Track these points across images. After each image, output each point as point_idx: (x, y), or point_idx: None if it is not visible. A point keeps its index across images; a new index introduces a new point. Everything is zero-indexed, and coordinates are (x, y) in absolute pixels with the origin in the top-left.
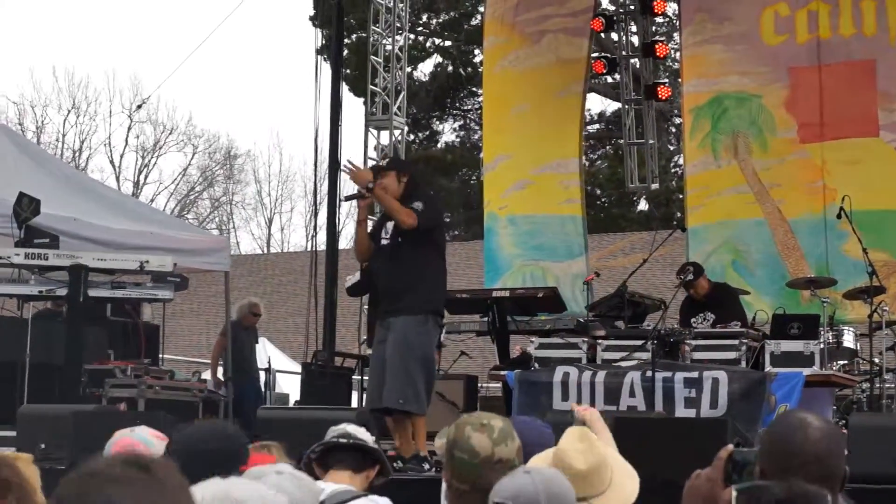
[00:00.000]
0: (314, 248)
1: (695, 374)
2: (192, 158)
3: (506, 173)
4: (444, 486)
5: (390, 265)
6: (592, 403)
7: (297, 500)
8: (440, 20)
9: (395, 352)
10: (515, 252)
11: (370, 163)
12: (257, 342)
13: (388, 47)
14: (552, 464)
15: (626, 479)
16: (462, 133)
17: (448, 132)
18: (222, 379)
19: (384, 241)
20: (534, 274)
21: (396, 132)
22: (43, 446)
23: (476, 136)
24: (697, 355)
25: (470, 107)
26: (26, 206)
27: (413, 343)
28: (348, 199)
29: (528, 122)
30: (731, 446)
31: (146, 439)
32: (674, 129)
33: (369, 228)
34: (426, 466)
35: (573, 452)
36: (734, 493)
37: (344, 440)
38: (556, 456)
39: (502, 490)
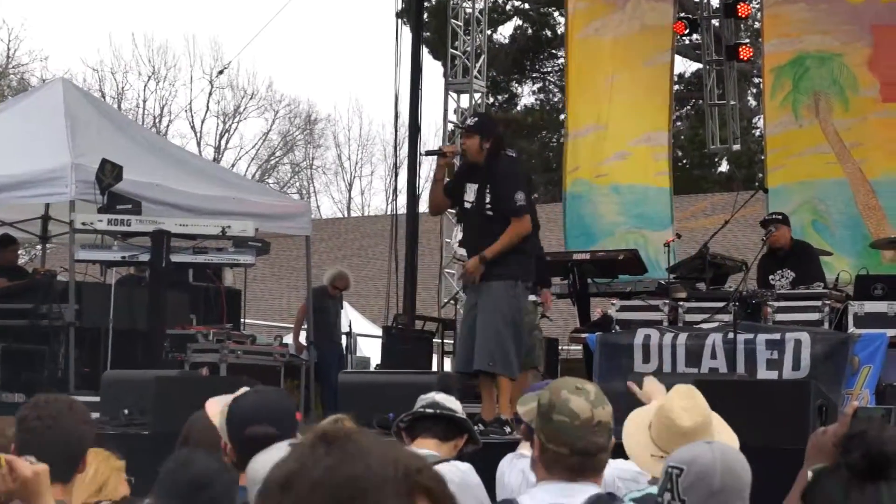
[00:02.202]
0: (394, 212)
1: (777, 336)
2: (272, 123)
3: (602, 143)
4: (533, 451)
5: (481, 234)
6: (674, 366)
7: None
8: None
9: (486, 315)
10: (619, 220)
11: (450, 126)
12: (342, 308)
13: (468, 10)
14: (656, 419)
15: (728, 441)
16: (541, 96)
17: (527, 95)
18: (304, 343)
19: (468, 205)
20: (637, 242)
21: (476, 95)
22: (126, 412)
23: (556, 99)
24: (780, 317)
25: (549, 69)
26: (109, 173)
27: (503, 307)
28: (429, 154)
29: (620, 92)
30: (856, 403)
31: None
32: (754, 90)
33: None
34: (507, 430)
35: (678, 410)
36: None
37: (431, 410)
38: (660, 412)
39: (679, 456)
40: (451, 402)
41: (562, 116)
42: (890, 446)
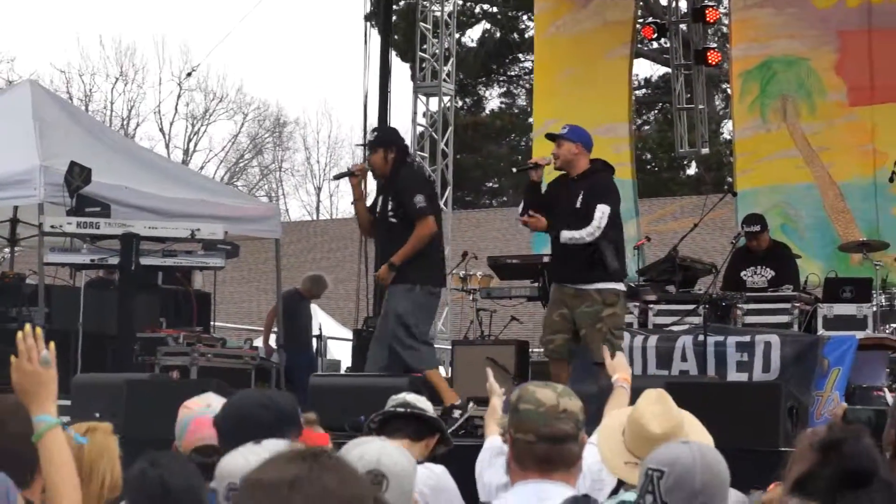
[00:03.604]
0: None
1: (747, 338)
2: (241, 126)
3: None
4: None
5: (386, 240)
6: (644, 368)
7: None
8: None
9: (385, 320)
10: None
11: (419, 129)
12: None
13: (437, 13)
14: (627, 425)
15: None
16: (507, 99)
17: (494, 98)
18: (274, 347)
19: (376, 216)
20: None
21: (445, 98)
22: (97, 416)
23: (522, 102)
24: (749, 319)
25: (515, 73)
26: (78, 175)
27: (399, 310)
28: (337, 177)
29: (576, 86)
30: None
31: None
32: (723, 94)
33: (368, 202)
34: (457, 413)
35: (649, 415)
36: None
37: (401, 409)
38: (631, 418)
39: (658, 457)
40: (422, 402)
41: (529, 120)
42: (866, 460)
